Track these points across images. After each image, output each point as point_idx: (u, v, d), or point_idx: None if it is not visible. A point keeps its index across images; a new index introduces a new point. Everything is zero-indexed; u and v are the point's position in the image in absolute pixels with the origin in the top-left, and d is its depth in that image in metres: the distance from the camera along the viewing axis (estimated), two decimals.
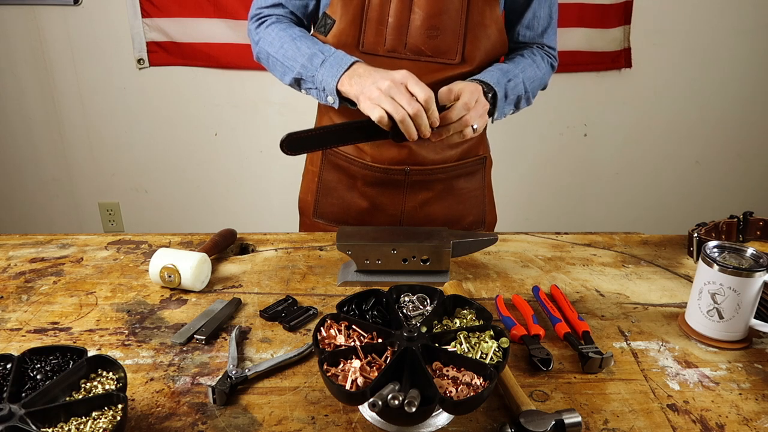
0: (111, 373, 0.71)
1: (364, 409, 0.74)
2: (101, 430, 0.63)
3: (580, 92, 2.68)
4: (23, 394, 0.67)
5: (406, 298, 0.85)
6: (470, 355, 0.72)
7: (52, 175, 2.82)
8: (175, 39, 2.54)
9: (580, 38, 2.57)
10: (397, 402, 0.63)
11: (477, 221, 1.37)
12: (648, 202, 2.95)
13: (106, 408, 0.66)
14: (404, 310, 0.83)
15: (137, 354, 0.86)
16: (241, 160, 2.79)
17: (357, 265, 1.05)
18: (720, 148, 2.85)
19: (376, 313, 0.82)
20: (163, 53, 2.57)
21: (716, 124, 2.79)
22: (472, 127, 1.02)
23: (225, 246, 1.16)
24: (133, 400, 0.76)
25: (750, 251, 0.89)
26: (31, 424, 0.62)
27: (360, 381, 0.68)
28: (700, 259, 0.89)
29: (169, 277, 1.00)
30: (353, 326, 0.78)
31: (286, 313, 0.95)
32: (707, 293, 0.87)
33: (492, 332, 0.75)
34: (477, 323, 0.80)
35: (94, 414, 0.65)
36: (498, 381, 0.75)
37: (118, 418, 0.64)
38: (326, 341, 0.75)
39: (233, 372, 0.79)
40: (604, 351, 0.84)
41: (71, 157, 2.78)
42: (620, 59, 2.63)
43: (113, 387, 0.69)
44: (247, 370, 0.80)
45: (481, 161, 1.32)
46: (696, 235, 1.09)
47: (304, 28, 1.19)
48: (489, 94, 1.08)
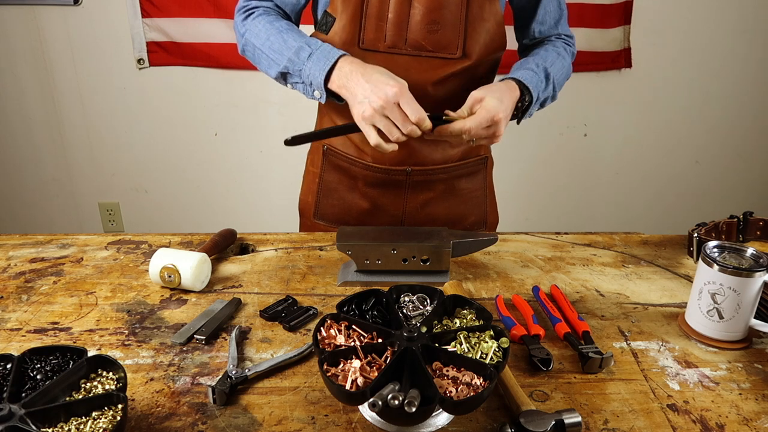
0: (111, 373, 0.71)
1: (364, 409, 0.74)
2: (101, 430, 0.63)
3: (579, 92, 2.68)
4: (23, 394, 0.67)
5: (406, 298, 0.85)
6: (470, 355, 0.72)
7: (52, 175, 2.82)
8: (175, 39, 2.54)
9: (580, 38, 2.56)
10: (397, 402, 0.63)
11: (479, 221, 1.37)
12: (648, 202, 2.95)
13: (106, 408, 0.66)
14: (404, 310, 0.83)
15: (137, 354, 0.86)
16: (241, 160, 2.79)
17: (357, 265, 1.05)
18: (720, 148, 2.85)
19: (376, 313, 0.82)
20: (163, 53, 2.57)
21: (716, 124, 2.79)
22: (471, 141, 1.04)
23: (225, 246, 1.16)
24: (133, 400, 0.76)
25: (750, 251, 0.89)
26: (31, 424, 0.62)
27: (360, 381, 0.68)
28: (700, 259, 0.89)
29: (169, 277, 1.00)
30: (353, 326, 0.78)
31: (286, 313, 0.95)
32: (707, 293, 0.87)
33: (492, 332, 0.75)
34: (477, 323, 0.80)
35: (94, 414, 0.65)
36: (498, 381, 0.75)
37: (118, 418, 0.64)
38: (326, 341, 0.75)
39: (233, 372, 0.79)
40: (604, 351, 0.84)
41: (71, 157, 2.78)
42: (620, 59, 2.63)
43: (113, 387, 0.69)
44: (247, 370, 0.80)
45: (483, 161, 1.32)
46: (696, 235, 1.09)
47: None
48: (526, 96, 1.10)
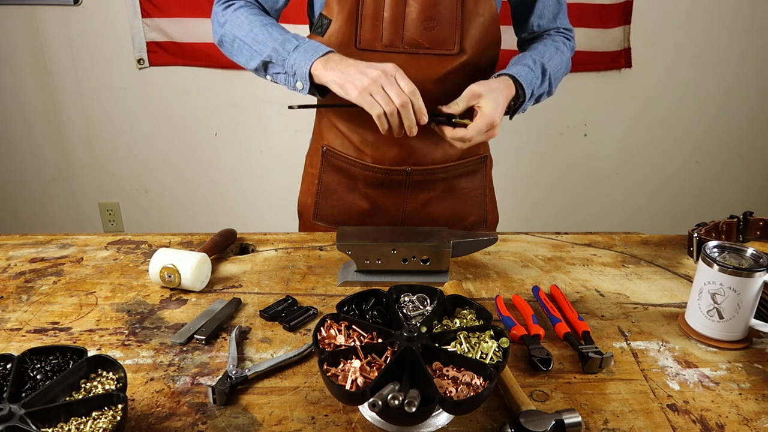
0: (111, 373, 0.71)
1: (364, 409, 0.74)
2: (101, 430, 0.63)
3: (580, 92, 2.68)
4: (23, 394, 0.67)
5: (406, 298, 0.85)
6: (470, 355, 0.72)
7: (52, 175, 2.82)
8: (175, 39, 2.54)
9: (580, 38, 2.56)
10: (397, 402, 0.63)
11: (479, 221, 1.37)
12: (648, 202, 2.95)
13: (106, 408, 0.66)
14: (404, 310, 0.83)
15: (137, 354, 0.86)
16: (241, 160, 2.79)
17: (357, 265, 1.05)
18: (720, 148, 2.85)
19: (376, 313, 0.82)
20: (163, 53, 2.57)
21: (716, 124, 2.79)
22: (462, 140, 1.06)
23: (225, 246, 1.16)
24: (133, 400, 0.76)
25: (750, 251, 0.89)
26: (31, 424, 0.62)
27: (360, 381, 0.68)
28: (700, 259, 0.89)
29: (169, 277, 1.00)
30: (353, 326, 0.78)
31: (286, 313, 0.95)
32: (707, 293, 0.87)
33: (492, 332, 0.75)
34: (477, 323, 0.80)
35: (94, 414, 0.65)
36: (498, 381, 0.75)
37: (118, 418, 0.64)
38: (326, 341, 0.75)
39: (233, 372, 0.79)
40: (604, 351, 0.84)
41: (71, 157, 2.78)
42: (620, 59, 2.63)
43: (113, 387, 0.69)
44: (247, 370, 0.80)
45: (482, 160, 1.32)
46: (696, 235, 1.09)
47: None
48: (519, 93, 1.10)
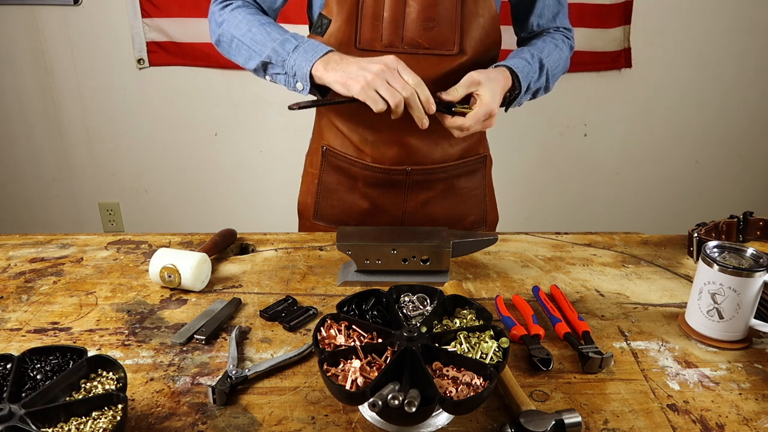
0: (111, 373, 0.71)
1: (364, 409, 0.74)
2: (101, 430, 0.63)
3: (580, 92, 2.68)
4: (23, 394, 0.67)
5: (406, 298, 0.85)
6: (470, 355, 0.72)
7: (52, 175, 2.82)
8: (175, 39, 2.54)
9: (580, 38, 2.56)
10: (397, 402, 0.63)
11: (478, 220, 1.37)
12: (648, 201, 2.95)
13: (106, 408, 0.66)
14: (404, 310, 0.83)
15: (137, 354, 0.86)
16: (241, 160, 2.79)
17: (357, 265, 1.05)
18: (720, 148, 2.85)
19: (376, 313, 0.82)
20: (163, 53, 2.57)
21: (716, 124, 2.79)
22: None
23: (225, 246, 1.16)
24: (133, 400, 0.76)
25: (750, 251, 0.89)
26: (31, 424, 0.62)
27: (360, 381, 0.68)
28: (700, 259, 0.89)
29: (169, 277, 1.00)
30: (353, 326, 0.78)
31: (286, 313, 0.95)
32: (707, 293, 0.87)
33: (492, 332, 0.75)
34: (477, 323, 0.80)
35: (94, 414, 0.65)
36: (498, 381, 0.75)
37: (118, 418, 0.64)
38: (326, 341, 0.75)
39: (233, 372, 0.79)
40: (604, 351, 0.84)
41: (71, 157, 2.78)
42: (620, 59, 2.63)
43: (113, 387, 0.69)
44: (247, 370, 0.80)
45: (482, 160, 1.32)
46: (696, 235, 1.09)
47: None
48: (515, 85, 1.11)
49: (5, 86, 2.62)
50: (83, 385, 0.70)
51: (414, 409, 0.63)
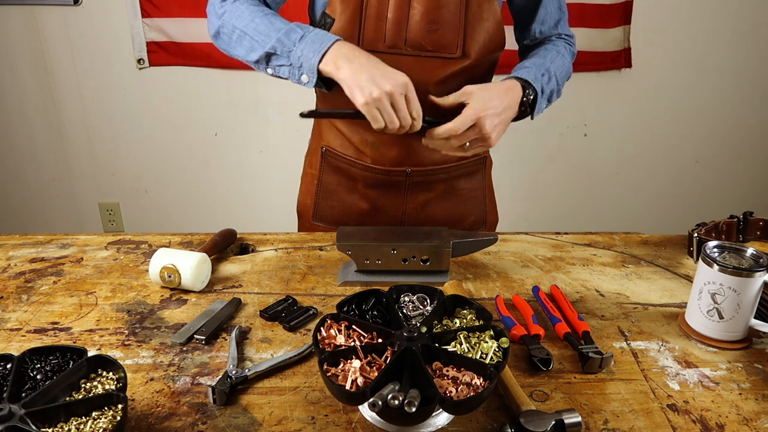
0: (111, 373, 0.71)
1: (364, 409, 0.74)
2: (101, 430, 0.63)
3: (580, 92, 2.68)
4: (23, 394, 0.67)
5: (406, 298, 0.85)
6: (470, 355, 0.72)
7: (52, 175, 2.82)
8: (175, 39, 2.54)
9: (580, 38, 2.56)
10: (397, 402, 0.63)
11: (478, 221, 1.37)
12: (648, 202, 2.95)
13: (106, 408, 0.66)
14: (404, 310, 0.83)
15: (137, 354, 0.86)
16: (241, 160, 2.79)
17: (357, 265, 1.05)
18: (720, 148, 2.85)
19: (376, 313, 0.82)
20: (163, 53, 2.57)
21: (716, 124, 2.80)
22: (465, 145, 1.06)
23: (225, 246, 1.16)
24: (133, 400, 0.76)
25: (750, 251, 0.89)
26: (31, 424, 0.62)
27: (360, 381, 0.68)
28: (700, 259, 0.89)
29: (169, 277, 1.00)
30: (353, 326, 0.78)
31: (286, 313, 0.95)
32: (707, 293, 0.87)
33: (492, 332, 0.75)
34: (477, 323, 0.80)
35: (94, 414, 0.65)
36: (498, 381, 0.75)
37: (118, 418, 0.64)
38: (326, 341, 0.75)
39: (233, 372, 0.79)
40: (604, 351, 0.84)
41: (71, 157, 2.78)
42: (620, 59, 2.63)
43: (113, 387, 0.69)
44: (247, 370, 0.80)
45: (481, 161, 1.32)
46: (696, 235, 1.09)
47: None
48: (529, 91, 1.11)
49: (5, 86, 2.62)
50: (83, 385, 0.70)
51: (414, 409, 0.63)
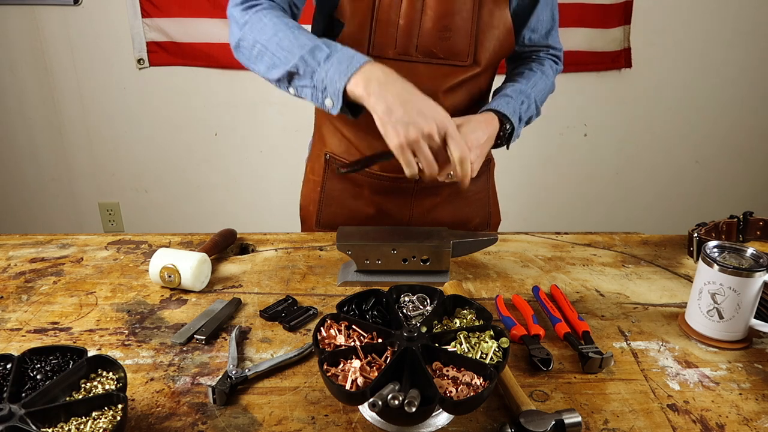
0: (111, 373, 0.71)
1: (364, 409, 0.74)
2: (101, 430, 0.63)
3: (580, 92, 2.68)
4: (23, 394, 0.67)
5: (406, 298, 0.85)
6: (470, 355, 0.72)
7: (52, 175, 2.82)
8: (175, 39, 2.54)
9: (580, 38, 2.57)
10: (397, 402, 0.63)
11: (483, 223, 1.36)
12: (648, 202, 2.95)
13: (106, 408, 0.66)
14: (404, 310, 0.83)
15: (137, 354, 0.86)
16: (241, 160, 2.79)
17: (357, 265, 1.05)
18: (720, 148, 2.85)
19: (376, 313, 0.82)
20: (163, 53, 2.57)
21: (716, 124, 2.80)
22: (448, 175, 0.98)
23: (225, 246, 1.16)
24: (133, 400, 0.76)
25: (750, 251, 0.89)
26: (31, 424, 0.62)
27: (360, 381, 0.68)
28: (700, 259, 0.89)
29: (169, 277, 1.00)
30: (353, 326, 0.78)
31: (286, 313, 0.95)
32: (707, 293, 0.87)
33: (492, 332, 0.75)
34: (477, 323, 0.80)
35: (94, 414, 0.65)
36: (498, 381, 0.75)
37: (118, 418, 0.64)
38: (326, 341, 0.75)
39: (233, 372, 0.79)
40: (604, 351, 0.84)
41: (71, 157, 2.78)
42: (620, 59, 2.63)
43: (113, 387, 0.69)
44: (247, 370, 0.80)
45: (486, 163, 1.32)
46: (696, 235, 1.09)
47: None
48: (506, 125, 1.09)
49: (5, 86, 2.62)
50: (83, 385, 0.70)
51: (414, 409, 0.63)
